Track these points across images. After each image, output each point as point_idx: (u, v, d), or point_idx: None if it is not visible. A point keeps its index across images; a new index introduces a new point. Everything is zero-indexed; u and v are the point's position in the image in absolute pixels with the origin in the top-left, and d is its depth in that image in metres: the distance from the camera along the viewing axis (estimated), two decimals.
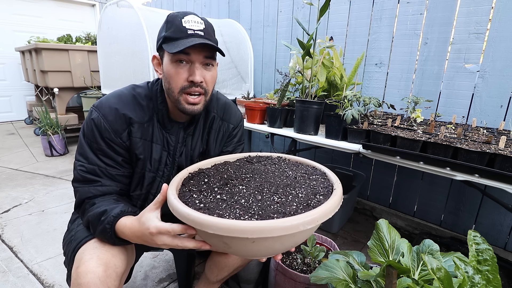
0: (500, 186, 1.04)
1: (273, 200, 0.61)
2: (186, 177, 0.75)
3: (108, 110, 0.85)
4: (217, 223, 0.51)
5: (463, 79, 1.67)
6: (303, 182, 0.70)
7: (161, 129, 0.91)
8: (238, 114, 1.08)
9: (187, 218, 0.55)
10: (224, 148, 1.04)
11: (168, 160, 0.93)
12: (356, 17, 2.07)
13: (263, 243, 0.54)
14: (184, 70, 0.81)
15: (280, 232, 0.51)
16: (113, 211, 0.76)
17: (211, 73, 0.85)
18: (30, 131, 4.40)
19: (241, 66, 2.67)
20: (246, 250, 0.57)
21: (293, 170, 0.77)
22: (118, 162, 0.87)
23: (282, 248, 0.60)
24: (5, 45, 4.68)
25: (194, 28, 0.80)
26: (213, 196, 0.64)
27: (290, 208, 0.57)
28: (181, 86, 0.82)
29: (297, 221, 0.52)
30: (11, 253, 1.60)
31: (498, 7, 1.51)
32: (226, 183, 0.70)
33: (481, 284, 0.64)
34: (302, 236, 0.58)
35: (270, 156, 0.90)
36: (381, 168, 2.12)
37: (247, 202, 0.60)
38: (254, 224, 0.51)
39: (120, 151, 0.87)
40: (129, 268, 0.90)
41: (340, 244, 1.84)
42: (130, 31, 2.19)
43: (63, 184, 2.55)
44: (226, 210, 0.57)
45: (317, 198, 0.62)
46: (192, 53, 0.80)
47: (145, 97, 0.91)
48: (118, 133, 0.85)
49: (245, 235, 0.50)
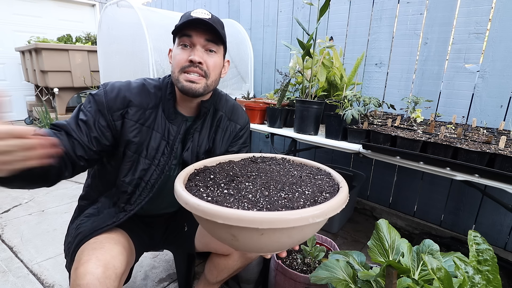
0: (500, 186, 1.04)
1: (280, 196, 0.62)
2: (192, 172, 0.75)
3: (111, 88, 0.88)
4: (227, 213, 0.52)
5: (463, 79, 1.67)
6: (309, 181, 0.71)
7: (164, 118, 0.92)
8: (246, 117, 1.09)
9: (197, 208, 0.55)
10: (230, 148, 1.05)
11: (166, 149, 0.92)
12: (356, 17, 2.07)
13: (271, 235, 0.54)
14: (186, 52, 0.85)
15: (290, 223, 0.52)
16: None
17: (213, 59, 0.88)
18: None
19: (241, 66, 2.67)
20: (253, 243, 0.58)
21: (298, 171, 0.78)
22: (90, 134, 0.83)
23: (289, 243, 0.60)
24: (5, 45, 4.68)
25: (200, 16, 0.83)
26: (220, 191, 0.64)
27: (298, 204, 0.58)
28: (181, 65, 0.85)
29: (307, 214, 0.53)
30: (11, 253, 1.60)
31: (498, 7, 1.51)
32: (232, 180, 0.70)
33: (481, 284, 0.64)
34: (310, 230, 0.59)
35: (275, 157, 0.90)
36: (381, 168, 2.12)
37: (255, 197, 0.61)
38: (264, 214, 0.52)
39: (101, 128, 0.84)
40: (129, 269, 0.90)
41: (340, 244, 1.84)
42: (130, 31, 2.19)
43: (63, 184, 2.55)
44: (234, 204, 0.58)
45: (324, 195, 0.63)
46: (193, 35, 0.84)
47: (154, 87, 0.94)
48: (111, 110, 0.86)
49: (255, 225, 0.51)
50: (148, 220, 1.07)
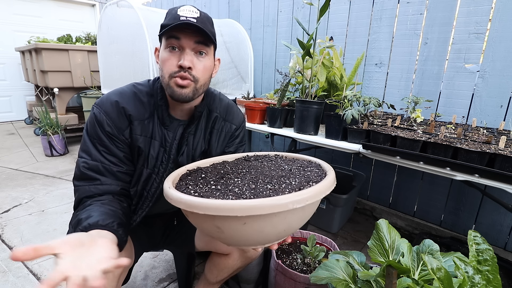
0: (500, 186, 1.04)
1: (266, 187, 0.62)
2: (184, 173, 0.76)
3: (110, 107, 0.85)
4: (206, 202, 0.53)
5: (463, 79, 1.67)
6: (298, 173, 0.71)
7: (160, 125, 0.91)
8: (241, 115, 1.08)
9: (180, 202, 0.56)
10: (226, 149, 1.04)
11: (164, 157, 0.92)
12: (356, 17, 2.07)
13: (254, 224, 0.54)
14: (175, 56, 0.81)
15: (269, 209, 0.51)
16: (86, 221, 0.70)
17: (203, 62, 0.84)
18: (30, 131, 4.40)
19: (241, 66, 2.67)
20: (238, 235, 0.58)
21: (289, 165, 0.78)
22: (121, 159, 0.87)
23: (275, 233, 0.60)
24: (5, 45, 4.68)
25: (187, 15, 0.79)
26: (208, 187, 0.65)
27: (282, 194, 0.58)
28: (171, 71, 0.82)
29: (287, 200, 0.52)
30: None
31: (498, 7, 1.51)
32: (222, 177, 0.71)
33: (481, 284, 0.64)
34: (295, 218, 0.59)
35: (268, 154, 0.90)
36: (381, 168, 2.12)
37: (241, 190, 0.61)
38: (243, 201, 0.52)
39: (122, 147, 0.87)
40: (127, 269, 0.90)
41: (340, 244, 1.84)
42: (130, 31, 2.19)
43: (63, 184, 2.55)
44: (219, 197, 0.58)
45: (310, 184, 0.62)
46: (182, 38, 0.80)
47: (146, 94, 0.91)
48: (121, 130, 0.85)
49: (234, 213, 0.51)
50: (148, 220, 1.06)
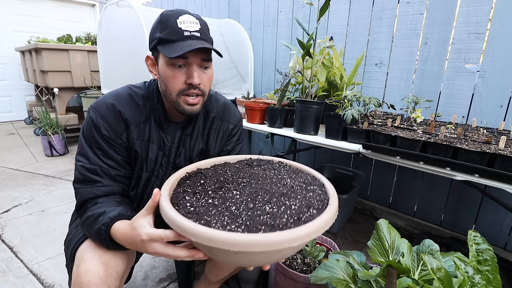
0: (500, 186, 1.04)
1: (264, 210, 0.59)
2: (183, 176, 0.75)
3: (106, 110, 0.85)
4: (200, 231, 0.50)
5: (463, 79, 1.67)
6: (300, 192, 0.67)
7: (158, 129, 0.91)
8: (237, 114, 1.08)
9: (173, 223, 0.54)
10: (224, 147, 1.05)
11: (163, 160, 0.93)
12: (356, 17, 2.07)
13: (246, 256, 0.52)
14: (182, 73, 0.81)
15: (263, 248, 0.49)
16: (111, 212, 0.74)
17: (208, 75, 0.85)
18: (30, 131, 4.40)
19: (241, 66, 2.67)
20: (231, 261, 0.57)
21: (292, 178, 0.75)
22: (119, 162, 0.87)
23: (267, 261, 0.58)
24: (5, 45, 4.68)
25: (190, 29, 0.78)
26: (205, 200, 0.63)
27: (280, 221, 0.55)
28: (179, 89, 0.82)
29: (282, 238, 0.49)
30: (11, 253, 1.60)
31: (498, 7, 1.51)
32: (221, 187, 0.69)
33: (481, 284, 0.64)
34: (289, 251, 0.56)
35: (272, 160, 0.88)
36: (381, 168, 2.12)
37: (238, 209, 0.59)
38: (236, 237, 0.49)
39: (120, 151, 0.87)
40: (130, 268, 0.90)
41: (340, 244, 1.84)
42: (130, 31, 2.19)
43: (63, 184, 2.55)
44: (214, 217, 0.56)
45: (310, 212, 0.59)
46: (190, 57, 0.79)
47: (142, 97, 0.91)
48: (119, 134, 0.85)
49: (227, 247, 0.49)
50: None
